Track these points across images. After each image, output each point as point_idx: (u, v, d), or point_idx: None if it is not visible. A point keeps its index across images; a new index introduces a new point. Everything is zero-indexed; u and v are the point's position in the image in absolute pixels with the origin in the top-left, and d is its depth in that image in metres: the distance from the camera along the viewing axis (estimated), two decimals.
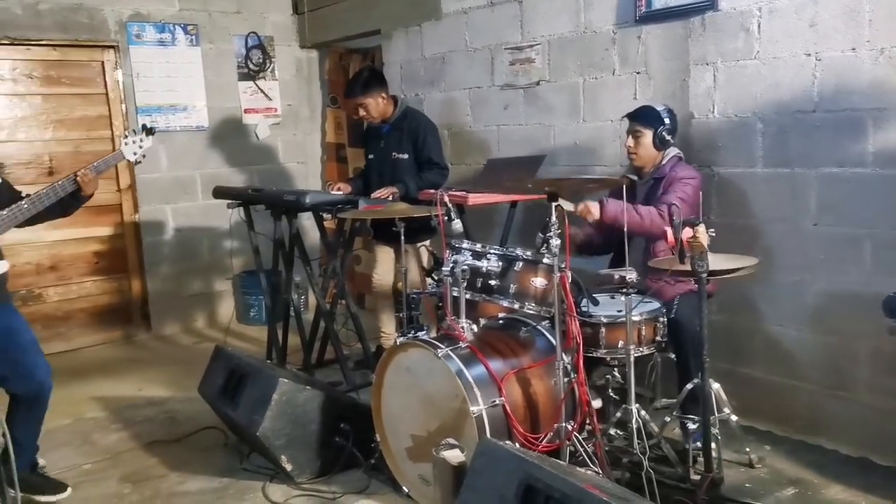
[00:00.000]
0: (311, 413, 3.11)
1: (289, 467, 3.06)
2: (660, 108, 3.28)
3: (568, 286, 2.60)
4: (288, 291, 4.41)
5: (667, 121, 3.23)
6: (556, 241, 2.59)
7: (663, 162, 3.28)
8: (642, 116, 3.28)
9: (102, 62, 5.31)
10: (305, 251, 4.29)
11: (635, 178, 3.37)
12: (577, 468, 2.50)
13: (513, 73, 4.46)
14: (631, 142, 3.29)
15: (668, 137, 3.24)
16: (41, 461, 3.21)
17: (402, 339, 2.98)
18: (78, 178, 2.96)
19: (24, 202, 2.82)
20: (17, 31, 4.89)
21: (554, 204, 2.63)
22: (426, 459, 2.68)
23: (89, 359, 5.05)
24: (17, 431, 2.97)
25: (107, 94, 5.34)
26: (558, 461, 2.48)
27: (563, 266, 2.61)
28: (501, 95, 4.56)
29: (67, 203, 3.00)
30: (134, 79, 5.36)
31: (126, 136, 3.18)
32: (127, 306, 5.57)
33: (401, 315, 3.63)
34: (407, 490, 2.92)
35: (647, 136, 3.24)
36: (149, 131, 3.21)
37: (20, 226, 2.90)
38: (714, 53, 3.47)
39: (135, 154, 3.17)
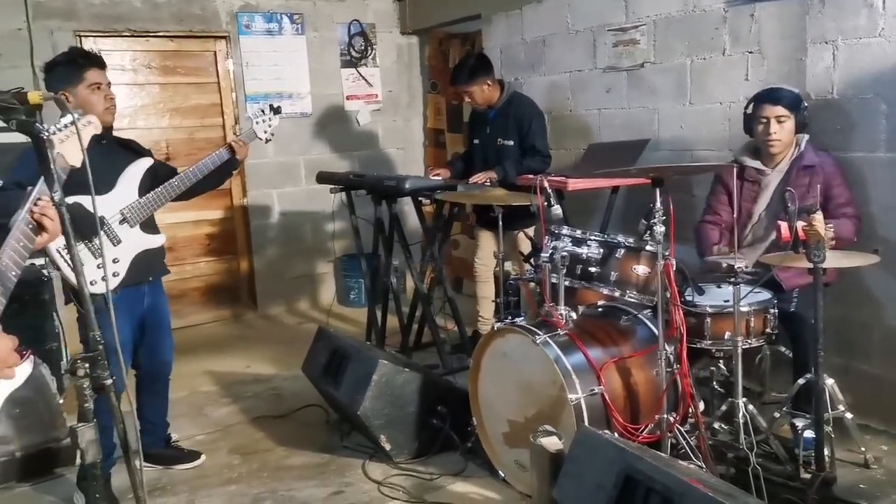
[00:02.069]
0: (410, 395, 3.16)
1: (387, 447, 3.13)
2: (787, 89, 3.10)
3: (672, 274, 2.53)
4: (387, 275, 4.49)
5: (805, 103, 3.06)
6: (660, 228, 2.52)
7: (801, 148, 3.11)
8: (787, 99, 3.07)
9: (214, 52, 5.54)
10: (404, 235, 4.36)
11: (758, 164, 3.20)
12: (679, 461, 2.44)
13: (616, 55, 4.36)
14: (775, 127, 3.07)
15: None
16: (174, 435, 3.42)
17: (499, 324, 2.98)
18: (233, 143, 3.16)
19: (175, 179, 3.00)
20: (137, 24, 5.16)
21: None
22: (523, 445, 2.68)
23: (201, 335, 5.31)
24: (146, 411, 3.18)
25: (218, 83, 5.57)
26: (659, 453, 2.42)
27: (668, 253, 2.54)
28: (603, 78, 4.46)
29: (224, 170, 3.18)
30: (243, 68, 5.56)
31: (257, 116, 3.31)
32: (235, 286, 5.83)
33: (499, 300, 3.63)
34: (503, 475, 2.93)
35: (791, 120, 3.06)
36: (276, 110, 3.32)
37: (179, 199, 3.08)
38: (834, 31, 3.27)
39: (265, 132, 3.29)
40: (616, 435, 2.49)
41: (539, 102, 4.38)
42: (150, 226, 3.02)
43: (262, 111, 3.32)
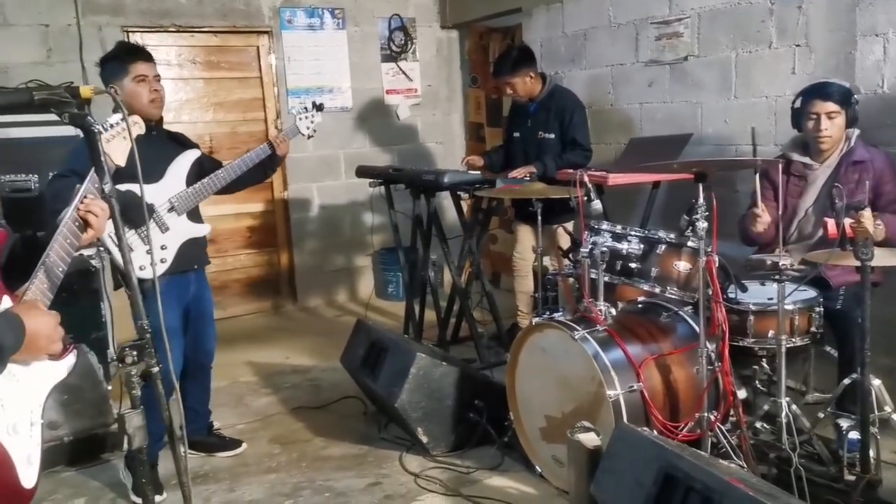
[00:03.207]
0: (447, 388, 3.17)
1: (424, 439, 3.15)
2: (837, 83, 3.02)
3: (714, 271, 2.49)
4: (425, 269, 4.51)
5: (855, 97, 2.98)
6: (702, 224, 2.48)
7: (852, 143, 3.04)
8: (838, 94, 2.99)
9: (257, 47, 5.61)
10: (443, 229, 4.37)
11: (806, 159, 3.13)
12: (720, 460, 2.41)
13: (658, 49, 4.30)
14: (826, 123, 3.00)
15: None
16: (216, 424, 3.48)
17: (538, 319, 2.97)
18: (273, 140, 3.21)
19: (220, 171, 3.07)
20: (183, 19, 5.25)
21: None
22: (560, 441, 2.67)
23: (242, 326, 5.40)
24: (189, 399, 3.25)
25: (261, 78, 5.64)
26: (699, 451, 2.39)
27: (710, 250, 2.50)
28: (645, 72, 4.40)
29: (266, 165, 3.24)
30: (285, 62, 5.63)
31: (299, 112, 3.35)
32: (276, 279, 5.91)
33: (537, 295, 3.62)
34: (540, 470, 2.92)
35: (842, 116, 2.99)
36: (319, 107, 3.36)
37: (224, 191, 3.15)
38: (885, 23, 3.18)
39: (308, 128, 3.34)
40: (655, 432, 2.47)
41: (579, 96, 4.35)
42: (195, 215, 3.09)
43: (305, 108, 3.36)
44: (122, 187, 1.89)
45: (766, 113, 3.73)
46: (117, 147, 1.78)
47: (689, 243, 2.70)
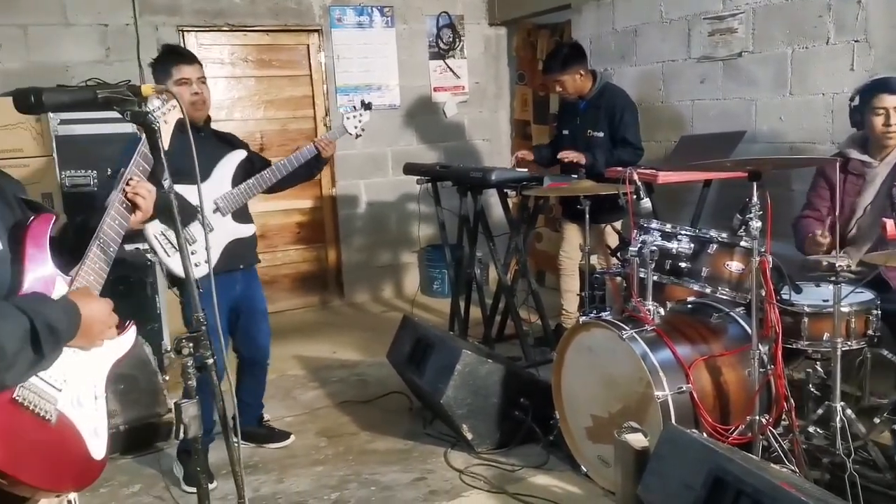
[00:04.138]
0: (492, 385, 3.18)
1: (469, 436, 3.16)
2: None
3: (768, 271, 2.44)
4: (471, 266, 4.51)
5: None
6: (756, 224, 2.44)
7: None
8: None
9: (308, 45, 5.68)
10: (489, 227, 4.37)
11: (864, 157, 3.04)
12: (771, 464, 2.36)
13: (711, 45, 4.23)
14: (895, 118, 2.94)
15: None
16: (266, 415, 3.55)
17: (584, 318, 2.95)
18: (316, 144, 3.22)
19: (265, 171, 3.11)
20: (236, 19, 5.35)
21: None
22: (606, 441, 2.65)
23: (291, 321, 5.48)
24: (243, 392, 3.32)
25: (310, 76, 5.71)
26: (750, 455, 2.35)
27: (764, 250, 2.46)
28: (698, 68, 4.33)
29: (312, 165, 3.26)
30: (335, 60, 5.69)
31: (347, 112, 3.36)
32: (323, 274, 5.98)
33: (583, 294, 3.59)
34: (585, 469, 2.91)
35: None
36: (367, 106, 3.37)
37: (271, 191, 3.20)
38: None
39: (355, 128, 3.34)
40: (704, 435, 2.43)
41: (629, 93, 4.30)
42: (242, 216, 3.13)
43: (354, 107, 3.37)
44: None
45: (823, 110, 3.63)
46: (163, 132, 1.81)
47: (742, 243, 2.65)
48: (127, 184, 1.67)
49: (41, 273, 1.46)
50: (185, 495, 2.99)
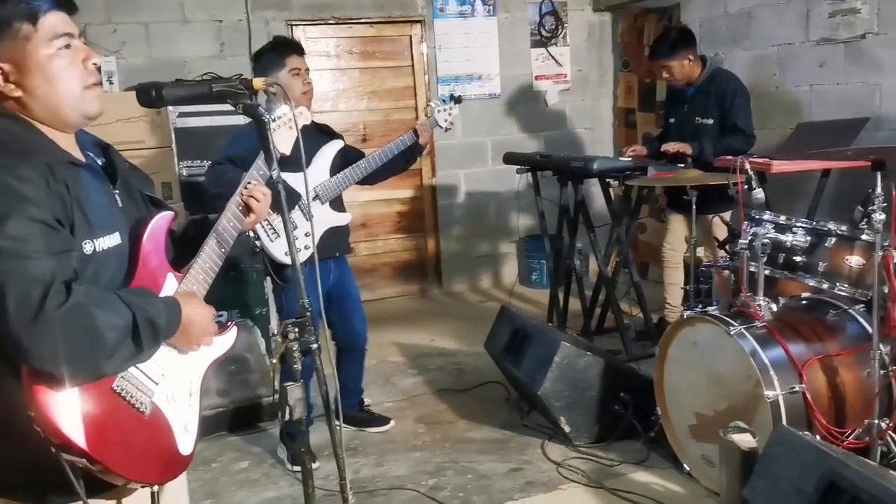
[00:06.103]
0: (591, 379, 3.13)
1: (567, 429, 3.13)
2: None
3: (892, 267, 2.29)
4: (570, 257, 4.45)
5: None
6: (879, 216, 2.29)
7: None
8: None
9: (410, 36, 5.74)
10: (590, 217, 4.29)
11: None
12: (891, 471, 2.22)
13: (832, 26, 3.98)
14: None
15: None
16: (367, 400, 3.64)
17: (689, 312, 2.86)
18: (417, 127, 3.28)
19: (362, 161, 3.19)
20: (342, 12, 5.47)
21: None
22: (711, 440, 2.57)
23: (390, 308, 5.58)
24: (343, 376, 3.42)
25: (412, 66, 5.77)
26: (867, 460, 2.22)
27: (887, 244, 2.30)
28: (816, 51, 4.10)
29: (408, 154, 3.32)
30: (436, 51, 5.72)
31: (437, 105, 3.40)
32: (423, 263, 6.05)
33: (688, 288, 3.48)
34: (688, 469, 2.82)
35: None
36: (457, 100, 3.40)
37: (366, 182, 3.28)
38: None
39: (445, 121, 3.38)
40: (818, 437, 2.31)
41: (741, 78, 4.11)
42: (338, 205, 3.22)
43: (444, 100, 3.40)
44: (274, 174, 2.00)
45: None
46: (281, 136, 1.88)
47: (864, 236, 2.51)
48: (245, 187, 1.73)
49: (153, 268, 1.52)
50: (289, 474, 3.11)
